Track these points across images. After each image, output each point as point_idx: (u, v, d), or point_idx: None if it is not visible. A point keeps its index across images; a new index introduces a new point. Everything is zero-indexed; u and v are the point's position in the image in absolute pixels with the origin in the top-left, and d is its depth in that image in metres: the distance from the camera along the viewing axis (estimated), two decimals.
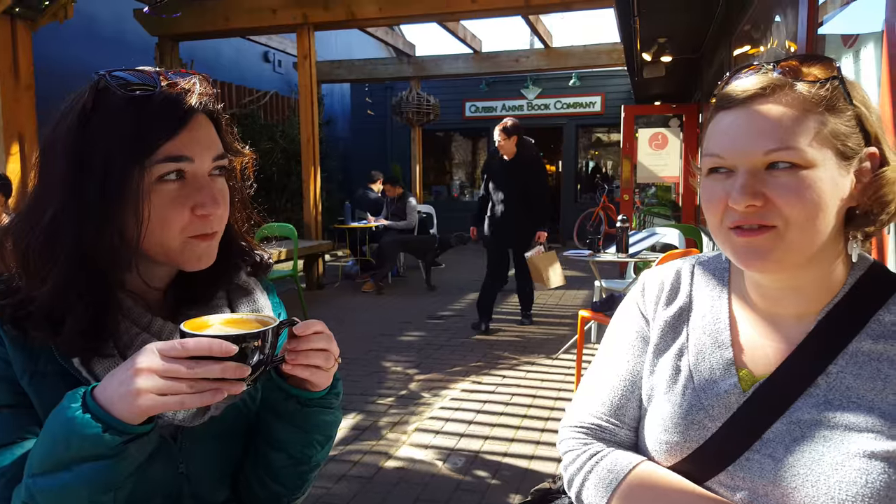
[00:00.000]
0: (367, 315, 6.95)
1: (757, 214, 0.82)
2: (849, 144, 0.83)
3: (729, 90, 0.87)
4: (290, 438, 0.97)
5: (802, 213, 0.80)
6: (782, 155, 0.80)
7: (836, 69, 0.85)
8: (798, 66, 0.84)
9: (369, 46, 14.82)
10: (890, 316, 0.85)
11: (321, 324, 0.88)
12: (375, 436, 3.68)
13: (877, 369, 0.83)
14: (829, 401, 0.83)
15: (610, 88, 13.33)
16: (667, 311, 1.03)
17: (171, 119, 0.86)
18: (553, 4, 7.61)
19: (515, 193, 6.07)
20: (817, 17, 2.56)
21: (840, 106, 0.83)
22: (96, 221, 0.84)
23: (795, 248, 0.83)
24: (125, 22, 8.71)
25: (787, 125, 0.81)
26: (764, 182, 0.82)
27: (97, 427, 0.73)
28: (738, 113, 0.85)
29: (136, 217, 0.84)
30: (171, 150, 0.85)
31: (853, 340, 0.85)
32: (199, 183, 0.89)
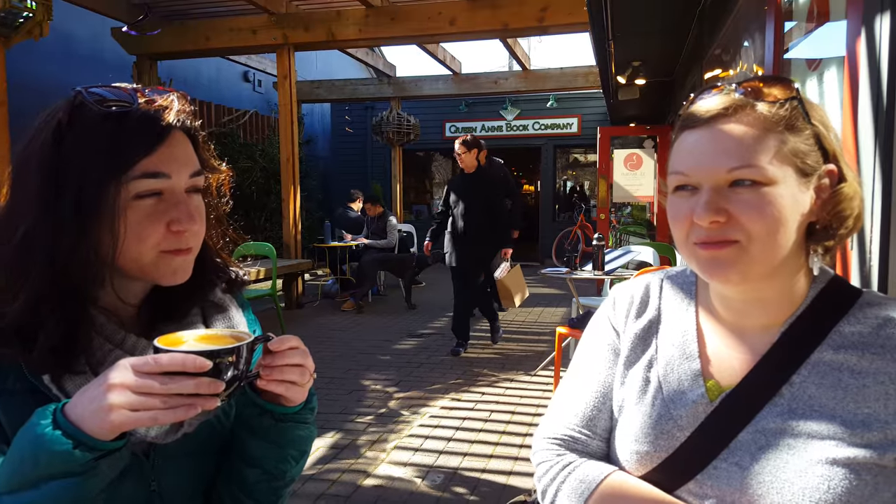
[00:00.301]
0: (346, 334, 6.95)
1: (720, 230, 0.85)
2: (808, 162, 0.86)
3: (693, 110, 0.90)
4: (264, 454, 0.96)
5: (763, 228, 0.83)
6: (744, 173, 0.83)
7: (795, 90, 0.87)
8: (759, 87, 0.87)
9: (350, 67, 14.90)
10: (850, 327, 0.87)
11: (296, 339, 0.88)
12: (354, 454, 3.69)
13: (838, 379, 0.85)
14: (792, 410, 0.86)
15: (586, 110, 13.50)
16: (637, 323, 1.05)
17: (148, 135, 0.85)
18: (530, 28, 7.72)
19: (477, 209, 5.92)
20: (783, 43, 2.66)
21: (799, 125, 0.86)
22: (71, 237, 0.83)
23: (757, 261, 0.85)
24: (103, 40, 8.69)
25: (749, 144, 0.84)
26: (727, 199, 0.84)
27: (67, 443, 0.72)
28: (702, 132, 0.87)
29: (112, 233, 0.84)
30: (148, 167, 0.85)
31: (815, 351, 0.87)
32: (175, 199, 0.88)
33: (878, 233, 1.54)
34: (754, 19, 3.23)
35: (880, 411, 0.82)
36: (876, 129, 1.55)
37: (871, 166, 1.56)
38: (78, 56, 8.64)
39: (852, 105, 1.68)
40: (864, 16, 1.59)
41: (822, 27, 2.17)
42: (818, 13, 2.18)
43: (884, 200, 1.53)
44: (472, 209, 5.92)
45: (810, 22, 2.29)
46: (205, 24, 8.55)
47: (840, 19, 1.88)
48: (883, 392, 0.83)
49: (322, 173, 14.47)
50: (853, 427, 0.82)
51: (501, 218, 6.05)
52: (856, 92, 1.66)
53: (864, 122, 1.61)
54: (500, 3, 7.57)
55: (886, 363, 0.84)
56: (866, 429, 0.82)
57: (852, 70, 1.69)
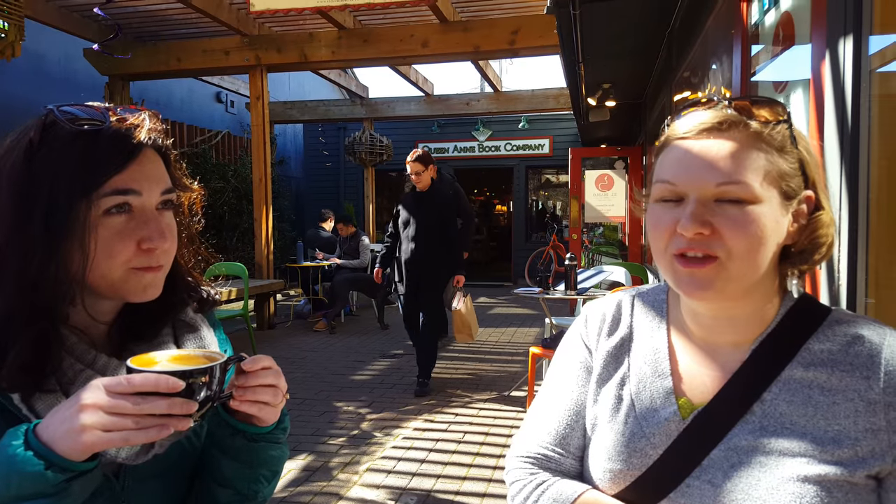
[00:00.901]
0: (318, 355, 6.89)
1: (703, 243, 0.84)
2: (791, 185, 0.86)
3: (685, 122, 0.90)
4: (236, 474, 0.96)
5: (745, 245, 0.83)
6: (732, 189, 0.84)
7: (786, 112, 0.88)
8: (747, 104, 0.88)
9: (323, 88, 14.92)
10: (819, 344, 0.88)
11: (269, 359, 0.88)
12: (326, 477, 3.64)
13: (808, 396, 0.85)
14: (764, 427, 0.86)
15: (557, 131, 13.66)
16: (609, 341, 1.05)
17: (119, 153, 0.85)
18: (501, 51, 7.82)
19: (431, 230, 5.41)
20: (751, 66, 2.72)
21: (788, 148, 0.87)
22: (41, 255, 0.82)
23: (735, 279, 0.86)
24: (75, 61, 8.62)
25: (739, 160, 0.84)
26: (712, 212, 0.84)
27: (39, 464, 0.72)
28: (692, 143, 0.88)
29: (82, 250, 0.84)
30: (119, 184, 0.85)
31: (786, 368, 0.88)
32: (146, 216, 0.88)
33: (845, 252, 1.57)
34: (721, 43, 3.31)
35: (850, 428, 0.83)
36: (841, 148, 1.59)
37: (838, 186, 1.59)
38: (50, 77, 8.55)
39: (818, 126, 1.72)
40: (827, 39, 1.63)
41: (788, 50, 2.22)
42: (784, 36, 2.23)
43: (850, 220, 1.57)
44: (425, 231, 5.42)
45: (776, 45, 2.34)
46: (177, 45, 8.53)
47: (805, 42, 1.92)
48: (853, 409, 0.83)
49: (295, 193, 14.42)
50: (824, 444, 0.83)
51: (455, 240, 5.53)
52: (821, 113, 1.70)
53: (829, 143, 1.65)
54: (472, 26, 7.66)
55: (855, 380, 0.84)
56: (837, 446, 0.82)
57: (818, 92, 1.73)
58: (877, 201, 1.56)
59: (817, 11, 1.75)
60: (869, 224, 1.56)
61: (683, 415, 0.93)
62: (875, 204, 1.56)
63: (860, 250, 1.56)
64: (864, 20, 1.53)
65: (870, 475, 0.82)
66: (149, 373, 0.76)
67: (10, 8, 5.08)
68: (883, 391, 0.83)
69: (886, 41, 1.58)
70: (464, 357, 6.69)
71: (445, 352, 6.91)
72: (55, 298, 0.85)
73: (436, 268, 5.45)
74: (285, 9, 6.22)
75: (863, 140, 1.55)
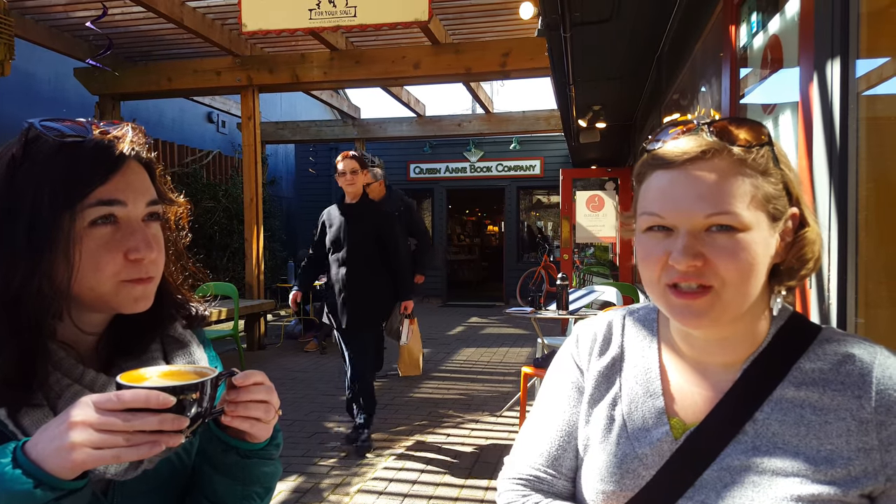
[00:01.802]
0: (309, 375, 6.85)
1: (696, 274, 0.85)
2: (778, 206, 0.87)
3: (667, 151, 0.89)
4: (228, 491, 0.95)
5: (738, 273, 0.84)
6: (722, 219, 0.84)
7: (767, 134, 0.88)
8: (730, 130, 0.87)
9: (314, 108, 14.98)
10: (810, 363, 0.88)
11: (262, 374, 0.87)
12: (317, 498, 3.61)
13: (800, 415, 0.85)
14: (756, 447, 0.86)
15: (548, 152, 13.75)
16: (600, 361, 1.04)
17: (102, 164, 0.86)
18: (493, 73, 7.89)
19: (366, 252, 4.50)
20: (739, 88, 2.76)
21: (771, 170, 0.87)
22: (24, 268, 0.82)
23: (730, 307, 0.86)
24: (65, 80, 8.63)
25: (727, 190, 0.84)
26: (703, 242, 0.84)
27: (28, 483, 0.71)
28: (677, 174, 0.87)
29: (67, 262, 0.83)
30: (103, 195, 0.85)
31: (777, 388, 0.88)
32: (131, 227, 0.88)
33: (835, 271, 1.59)
34: (710, 65, 3.35)
35: (843, 447, 0.83)
36: (830, 170, 1.61)
37: (827, 206, 1.61)
38: (40, 96, 8.55)
39: (807, 147, 1.74)
40: (815, 62, 1.66)
41: (777, 73, 2.26)
42: (772, 59, 2.27)
43: (840, 239, 1.58)
44: (359, 253, 4.51)
45: (765, 68, 2.38)
46: (168, 65, 8.55)
47: (793, 66, 1.96)
48: (845, 428, 0.83)
49: (286, 213, 14.41)
50: (817, 463, 0.83)
51: (400, 262, 4.60)
52: (810, 134, 1.72)
53: (818, 164, 1.67)
54: (464, 48, 7.73)
55: (847, 399, 0.85)
56: (829, 465, 0.82)
57: (806, 114, 1.75)
58: (865, 221, 1.58)
59: (805, 35, 1.78)
60: (858, 244, 1.58)
61: (676, 435, 0.92)
62: (864, 224, 1.58)
63: (850, 270, 1.58)
64: (851, 44, 1.56)
65: (863, 494, 0.82)
66: (139, 389, 0.75)
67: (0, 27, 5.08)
68: (875, 410, 0.83)
69: (873, 65, 1.61)
70: (455, 377, 6.67)
71: (437, 372, 6.89)
72: (40, 312, 0.84)
73: (373, 298, 4.55)
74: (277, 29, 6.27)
75: (851, 161, 1.57)
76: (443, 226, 14.54)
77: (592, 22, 4.05)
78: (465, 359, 7.69)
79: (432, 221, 14.68)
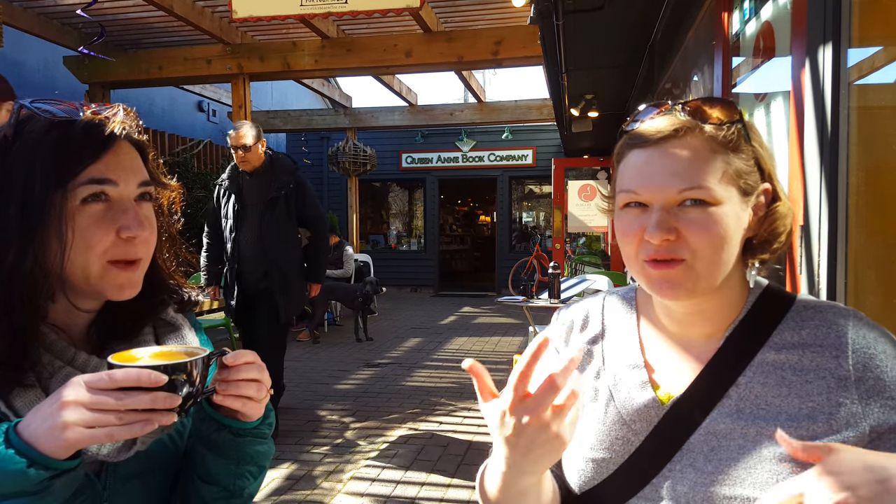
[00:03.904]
0: (302, 364, 6.85)
1: (670, 248, 0.88)
2: (749, 182, 0.91)
3: (642, 130, 0.93)
4: (222, 470, 0.96)
5: (709, 246, 0.87)
6: (694, 193, 0.87)
7: (738, 112, 0.92)
8: (702, 108, 0.91)
9: (305, 97, 14.90)
10: (788, 329, 0.92)
11: (252, 354, 0.88)
12: (310, 485, 3.63)
13: (781, 377, 0.89)
14: (740, 409, 0.90)
15: (541, 142, 13.74)
16: (581, 335, 1.08)
17: (94, 142, 0.86)
18: (485, 61, 7.86)
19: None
20: (731, 77, 2.76)
21: (742, 146, 0.91)
22: (17, 246, 0.82)
23: (703, 278, 0.89)
24: (55, 69, 8.55)
25: (698, 165, 0.88)
26: (676, 217, 0.88)
27: (21, 462, 0.71)
28: (651, 152, 0.91)
29: (60, 239, 0.84)
30: (95, 173, 0.86)
31: (758, 353, 0.92)
32: (123, 206, 0.89)
33: (825, 260, 1.60)
34: (703, 54, 3.36)
35: (824, 404, 0.86)
36: (822, 158, 1.62)
37: (818, 195, 1.62)
38: (30, 84, 8.47)
39: (798, 136, 1.75)
40: (807, 50, 1.67)
41: (769, 62, 2.26)
42: (764, 48, 2.28)
43: (829, 228, 1.60)
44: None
45: (757, 56, 2.38)
46: (158, 53, 8.48)
47: (785, 54, 1.96)
48: (825, 386, 0.87)
49: None
50: (799, 420, 0.86)
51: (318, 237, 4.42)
52: (801, 123, 1.73)
53: (810, 152, 1.68)
54: (456, 36, 7.70)
55: (826, 359, 0.88)
56: (811, 421, 0.86)
57: (798, 103, 1.76)
58: (856, 210, 1.59)
59: (797, 22, 1.79)
60: (848, 232, 1.59)
61: (662, 402, 0.96)
62: (854, 212, 1.59)
63: (839, 258, 1.59)
64: (843, 32, 1.56)
65: None
66: (130, 367, 0.75)
67: None
68: (853, 367, 0.87)
69: (864, 54, 1.62)
70: (447, 366, 6.69)
71: (429, 361, 6.91)
72: (33, 291, 0.85)
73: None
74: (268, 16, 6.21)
75: (842, 150, 1.58)
76: (435, 216, 14.52)
77: (585, 10, 4.05)
78: (458, 348, 7.72)
79: (424, 211, 14.66)
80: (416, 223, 15.72)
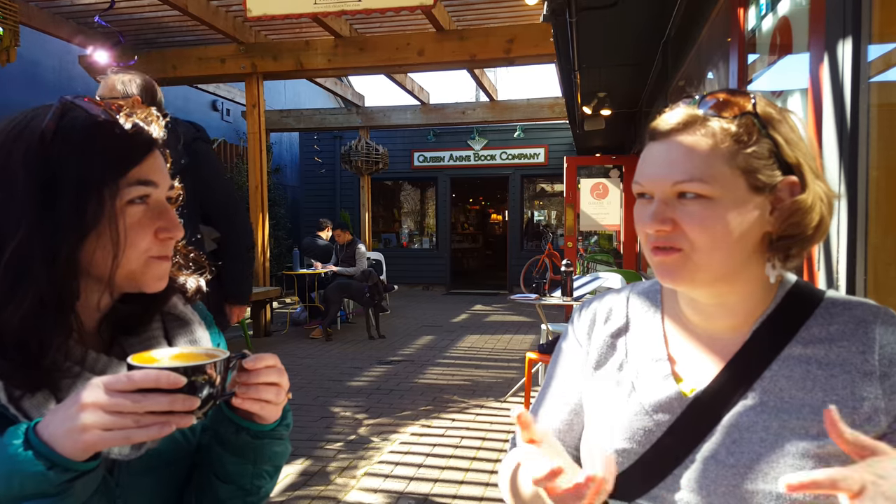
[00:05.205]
0: (315, 361, 6.88)
1: (667, 238, 0.89)
2: (759, 177, 0.87)
3: (656, 123, 0.93)
4: (239, 470, 0.96)
5: (706, 239, 0.87)
6: (689, 186, 0.87)
7: (751, 104, 0.89)
8: (720, 100, 0.89)
9: (318, 96, 14.95)
10: (816, 325, 0.91)
11: (273, 357, 0.88)
12: (324, 481, 3.64)
13: (806, 371, 0.89)
14: (764, 403, 0.89)
15: (553, 140, 13.72)
16: (605, 329, 1.08)
17: (139, 145, 0.88)
18: (497, 59, 7.86)
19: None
20: (747, 74, 2.75)
21: (752, 140, 0.87)
22: (69, 245, 0.83)
23: (702, 269, 0.89)
24: (70, 68, 8.63)
25: (696, 158, 0.87)
26: (674, 209, 0.88)
27: (41, 465, 0.71)
28: (659, 145, 0.91)
29: (112, 238, 0.84)
30: (141, 175, 0.87)
31: (785, 348, 0.91)
32: (160, 208, 0.91)
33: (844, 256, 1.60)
34: (717, 51, 3.34)
35: (847, 398, 0.86)
36: (840, 155, 1.61)
37: (837, 188, 1.61)
38: (45, 83, 8.54)
39: (817, 134, 1.74)
40: (826, 43, 1.66)
41: (786, 58, 2.25)
42: (781, 43, 2.26)
43: (849, 227, 1.59)
44: None
45: (773, 52, 2.37)
46: (173, 52, 8.54)
47: (803, 50, 1.95)
48: (850, 380, 0.87)
49: (291, 202, 14.42)
50: (821, 413, 0.83)
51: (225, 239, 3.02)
52: (820, 121, 1.72)
53: (828, 151, 1.67)
54: (468, 35, 7.70)
55: (852, 355, 0.88)
56: None
57: (816, 100, 1.75)
58: (875, 207, 1.58)
59: (815, 17, 1.78)
60: (868, 231, 1.58)
61: (685, 394, 0.95)
62: (874, 209, 1.58)
63: (859, 255, 1.58)
64: (863, 28, 1.55)
65: None
66: (149, 369, 0.75)
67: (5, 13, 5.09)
68: (878, 363, 0.87)
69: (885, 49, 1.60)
70: (460, 363, 6.69)
71: (442, 358, 6.92)
72: (72, 289, 0.85)
73: None
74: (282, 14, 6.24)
75: (861, 147, 1.57)
76: (446, 214, 14.53)
77: (598, 7, 4.04)
78: (470, 345, 7.72)
79: (436, 210, 14.67)
80: (427, 222, 15.73)
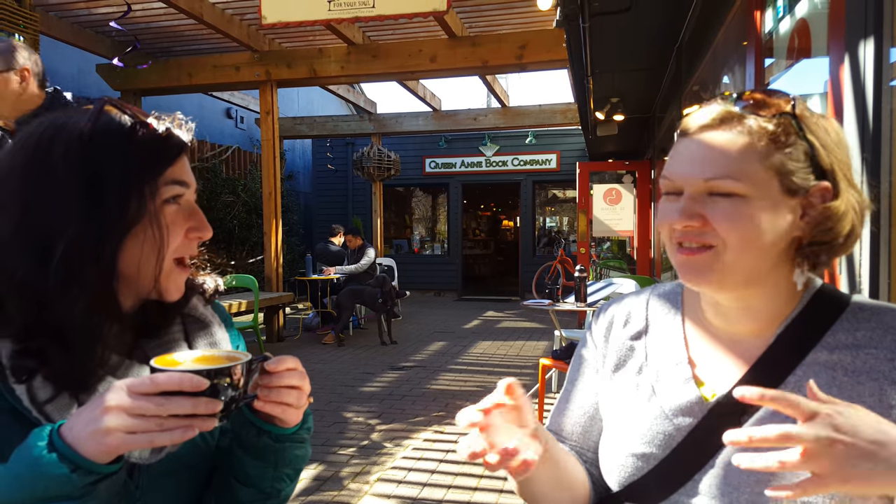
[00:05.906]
0: (327, 366, 6.89)
1: (697, 234, 0.87)
2: (793, 179, 0.85)
3: (689, 120, 0.92)
4: (260, 473, 0.96)
5: (737, 237, 0.85)
6: (720, 183, 0.85)
7: (791, 105, 0.87)
8: (757, 99, 0.88)
9: (331, 104, 15.01)
10: (843, 331, 0.89)
11: (295, 360, 0.88)
12: (337, 486, 3.64)
13: (832, 377, 0.87)
14: None
15: (565, 146, 13.69)
16: (624, 331, 1.07)
17: (172, 146, 0.90)
18: (509, 65, 7.86)
19: None
20: (764, 77, 2.72)
21: (789, 141, 0.85)
22: (114, 244, 0.84)
23: (731, 270, 0.87)
24: (87, 76, 8.71)
25: (729, 155, 0.85)
26: (704, 205, 0.87)
27: (64, 467, 0.71)
28: (690, 141, 0.90)
29: (156, 235, 0.86)
30: (175, 175, 0.90)
31: (811, 353, 0.89)
32: (191, 208, 0.93)
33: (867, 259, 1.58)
34: (733, 54, 3.33)
35: (874, 406, 0.83)
36: (863, 160, 1.59)
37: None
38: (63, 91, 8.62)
39: None
40: (847, 45, 1.64)
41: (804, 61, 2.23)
42: (799, 46, 2.25)
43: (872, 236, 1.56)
44: None
45: (791, 56, 2.35)
46: (188, 60, 8.62)
47: (822, 53, 1.93)
48: (877, 388, 0.85)
49: (303, 208, 14.49)
50: None
51: None
52: (840, 120, 1.70)
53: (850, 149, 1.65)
54: (480, 41, 7.72)
55: (880, 362, 0.86)
56: None
57: (837, 104, 1.72)
58: None
59: (835, 18, 1.76)
60: (891, 235, 1.56)
61: (706, 399, 0.94)
62: None
63: (882, 260, 1.56)
64: (885, 29, 1.53)
65: None
66: (173, 372, 0.75)
67: (26, 23, 5.15)
68: None
69: None
70: (472, 370, 6.68)
71: (454, 364, 6.91)
72: (113, 290, 0.87)
73: None
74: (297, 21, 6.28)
75: (884, 150, 1.55)
76: (458, 220, 14.54)
77: (611, 11, 4.03)
78: (482, 352, 7.70)
79: (448, 216, 14.68)
80: (439, 228, 15.74)
